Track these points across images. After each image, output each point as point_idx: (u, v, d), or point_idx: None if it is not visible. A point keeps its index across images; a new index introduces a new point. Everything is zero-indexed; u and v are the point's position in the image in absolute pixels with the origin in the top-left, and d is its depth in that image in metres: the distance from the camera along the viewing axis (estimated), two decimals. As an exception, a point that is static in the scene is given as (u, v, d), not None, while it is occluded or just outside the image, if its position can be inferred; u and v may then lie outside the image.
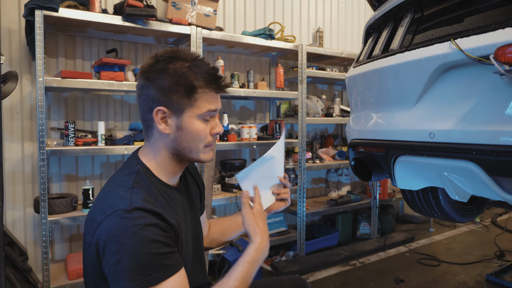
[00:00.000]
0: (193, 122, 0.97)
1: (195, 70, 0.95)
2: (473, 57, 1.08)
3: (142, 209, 0.87)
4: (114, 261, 0.83)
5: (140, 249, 0.83)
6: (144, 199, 0.90)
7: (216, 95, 0.99)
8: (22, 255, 2.33)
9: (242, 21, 3.37)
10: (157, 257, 0.85)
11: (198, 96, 0.95)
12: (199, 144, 0.99)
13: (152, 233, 0.85)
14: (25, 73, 2.45)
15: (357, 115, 1.80)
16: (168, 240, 0.89)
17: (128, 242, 0.83)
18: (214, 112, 1.00)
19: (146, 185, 0.96)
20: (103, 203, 0.91)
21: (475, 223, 4.14)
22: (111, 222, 0.85)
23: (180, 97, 0.95)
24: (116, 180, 0.98)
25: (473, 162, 1.10)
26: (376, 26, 1.80)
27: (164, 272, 0.85)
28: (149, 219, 0.86)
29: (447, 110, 1.21)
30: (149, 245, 0.84)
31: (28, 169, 2.49)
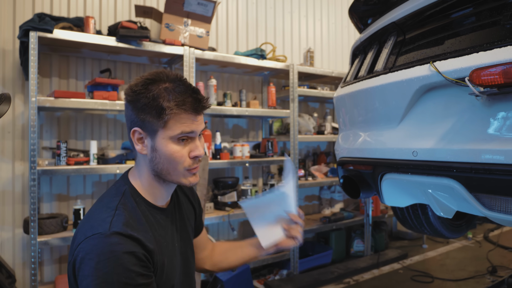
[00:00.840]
0: (166, 143, 0.94)
1: (169, 91, 0.93)
2: (451, 79, 1.13)
3: (121, 234, 0.86)
4: (85, 284, 0.83)
5: (112, 276, 0.82)
6: (124, 223, 0.89)
7: (191, 117, 0.95)
8: (9, 277, 2.30)
9: (234, 42, 3.45)
10: (126, 287, 0.83)
11: (168, 117, 0.92)
12: (176, 166, 0.96)
13: (127, 262, 0.84)
14: (18, 93, 2.47)
15: (345, 134, 1.84)
16: (143, 269, 0.87)
17: (101, 267, 0.82)
18: (190, 133, 0.96)
19: (131, 206, 0.96)
20: (86, 224, 0.91)
21: (467, 238, 4.15)
22: (89, 244, 0.85)
23: (152, 119, 0.93)
24: (102, 201, 0.98)
25: (454, 179, 1.13)
26: (362, 48, 1.86)
27: None
28: (126, 246, 0.85)
29: (428, 129, 1.25)
30: (122, 274, 0.83)
31: (18, 189, 2.48)
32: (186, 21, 2.67)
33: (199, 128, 0.98)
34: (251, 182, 3.31)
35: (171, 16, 2.62)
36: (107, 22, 2.78)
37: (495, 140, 1.02)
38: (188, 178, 0.99)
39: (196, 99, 0.95)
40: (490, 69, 0.96)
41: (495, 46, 1.01)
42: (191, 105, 0.94)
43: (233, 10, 3.46)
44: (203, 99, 0.97)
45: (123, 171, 2.38)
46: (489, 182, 1.05)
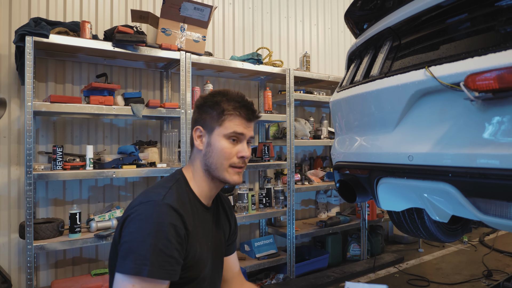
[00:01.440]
0: (219, 139, 1.11)
1: (229, 99, 1.13)
2: (446, 84, 1.14)
3: (171, 207, 1.00)
4: (127, 239, 0.96)
5: (152, 239, 0.93)
6: (176, 199, 1.04)
7: (244, 121, 1.13)
8: (5, 282, 2.27)
9: (231, 46, 3.46)
10: (160, 254, 0.94)
11: (225, 118, 1.11)
12: (223, 161, 1.11)
13: (168, 232, 0.96)
14: (14, 98, 2.46)
15: (341, 138, 1.85)
16: (179, 245, 0.98)
17: (146, 228, 0.95)
18: (239, 135, 1.12)
19: (181, 191, 1.10)
20: (142, 195, 1.05)
21: (463, 242, 4.17)
22: (141, 207, 0.99)
23: (212, 118, 1.13)
24: (158, 183, 1.13)
25: (450, 183, 1.14)
26: (358, 53, 1.88)
27: (158, 271, 0.93)
28: (172, 217, 0.98)
29: (424, 133, 1.26)
30: (161, 240, 0.94)
31: (14, 193, 2.46)
32: (183, 26, 2.68)
33: (249, 133, 1.15)
34: (248, 186, 3.30)
35: (167, 21, 2.63)
36: (104, 26, 2.78)
37: (490, 145, 1.03)
38: (232, 175, 1.13)
39: (250, 109, 1.14)
40: (485, 74, 0.98)
41: (490, 51, 1.02)
42: (245, 112, 1.13)
43: (230, 15, 3.47)
44: (256, 111, 1.17)
45: (119, 175, 2.37)
46: (484, 186, 1.06)
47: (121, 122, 2.87)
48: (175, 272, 0.97)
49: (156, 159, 2.72)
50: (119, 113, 2.40)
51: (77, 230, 2.27)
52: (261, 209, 3.12)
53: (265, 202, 3.13)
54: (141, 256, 0.92)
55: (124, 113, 2.41)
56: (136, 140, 2.90)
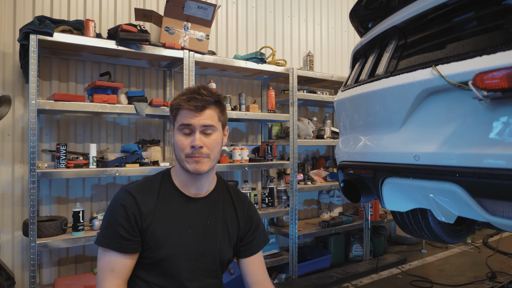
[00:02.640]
0: (175, 134, 1.20)
1: (181, 94, 1.20)
2: (454, 83, 1.13)
3: (127, 191, 1.19)
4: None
5: (107, 215, 1.19)
6: (138, 186, 1.21)
7: (191, 112, 1.16)
8: (9, 279, 2.28)
9: (234, 45, 3.46)
10: (108, 228, 1.15)
11: (175, 112, 1.20)
12: (180, 153, 1.18)
13: (117, 210, 1.16)
14: (18, 96, 2.47)
15: (345, 138, 1.84)
16: (126, 224, 1.15)
17: (108, 208, 1.20)
18: (188, 126, 1.16)
19: (155, 180, 1.24)
20: None
21: (466, 244, 4.15)
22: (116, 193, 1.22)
23: (171, 115, 1.23)
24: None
25: (457, 184, 1.13)
26: (362, 52, 1.87)
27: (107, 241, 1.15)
28: (124, 200, 1.17)
29: (430, 133, 1.25)
30: (111, 217, 1.17)
31: (18, 191, 2.46)
32: (186, 25, 2.68)
33: (198, 123, 1.16)
34: (250, 186, 3.30)
35: (171, 19, 2.62)
36: (107, 25, 2.78)
37: (498, 145, 1.01)
38: (190, 164, 1.18)
39: (196, 99, 1.16)
40: (493, 73, 0.96)
41: (498, 50, 1.01)
42: (192, 103, 1.15)
43: (233, 13, 3.47)
44: (202, 99, 1.16)
45: (122, 174, 2.37)
46: (492, 187, 1.05)
47: (124, 120, 2.87)
48: (122, 246, 1.14)
49: (159, 158, 2.72)
50: (122, 112, 2.40)
51: (80, 228, 2.26)
52: (264, 208, 3.11)
53: (267, 201, 3.13)
54: (100, 229, 1.18)
55: (128, 111, 2.41)
56: (139, 138, 2.90)
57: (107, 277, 1.13)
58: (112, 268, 1.14)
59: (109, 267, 1.14)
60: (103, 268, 1.14)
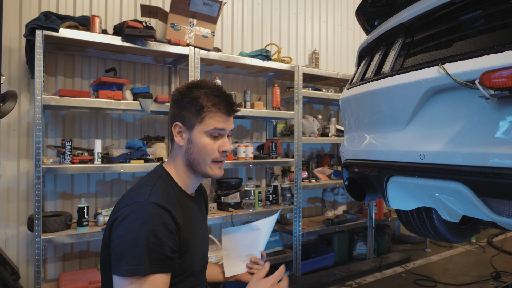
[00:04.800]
0: (200, 137, 1.12)
1: (207, 94, 1.13)
2: (460, 82, 1.12)
3: (157, 204, 1.01)
4: (118, 242, 0.97)
5: (142, 239, 0.95)
6: (161, 196, 1.04)
7: (224, 116, 1.13)
8: (13, 274, 2.30)
9: (239, 42, 3.45)
10: (151, 252, 0.95)
11: (205, 114, 1.11)
12: (205, 157, 1.13)
13: (158, 231, 0.97)
14: (24, 91, 2.48)
15: (351, 136, 1.83)
16: (171, 242, 1.00)
17: (135, 229, 0.96)
18: (220, 130, 1.13)
19: (166, 187, 1.11)
20: (127, 197, 1.06)
21: (471, 243, 4.13)
22: (128, 209, 1.00)
23: (192, 115, 1.12)
24: (141, 181, 1.13)
25: (462, 183, 1.12)
26: (369, 50, 1.85)
27: (152, 268, 0.95)
28: (161, 215, 0.99)
29: (436, 132, 1.24)
30: (151, 239, 0.96)
31: (23, 186, 2.48)
32: (192, 21, 2.67)
33: (229, 127, 1.16)
34: (255, 183, 3.30)
35: (176, 16, 2.62)
36: (113, 21, 2.78)
37: (505, 144, 1.00)
38: (214, 170, 1.15)
39: (229, 103, 1.14)
40: (501, 72, 0.95)
41: (506, 48, 1.00)
42: (224, 107, 1.13)
43: (239, 10, 3.46)
44: (235, 104, 1.16)
45: (127, 170, 2.38)
46: (498, 186, 1.04)
47: (129, 117, 2.88)
48: (169, 266, 1.00)
49: (164, 154, 2.72)
50: (127, 108, 2.41)
51: (85, 223, 2.28)
52: (268, 206, 3.11)
53: (271, 199, 3.13)
54: (135, 257, 0.94)
55: (133, 108, 2.42)
56: (144, 135, 2.91)
57: None
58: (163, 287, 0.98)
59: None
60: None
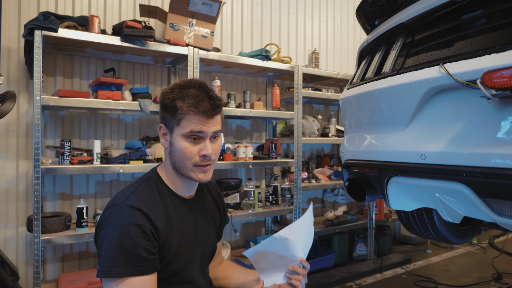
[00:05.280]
0: (178, 140, 1.07)
1: (187, 95, 1.05)
2: (461, 82, 1.11)
3: (133, 207, 1.00)
4: (99, 244, 1.00)
5: (115, 242, 0.96)
6: (140, 199, 1.03)
7: (202, 118, 1.05)
8: (13, 275, 2.29)
9: (239, 42, 3.44)
10: (126, 254, 0.95)
11: (181, 117, 1.05)
12: (186, 161, 1.07)
13: (132, 232, 0.97)
14: (23, 92, 2.47)
15: (351, 136, 1.82)
16: (147, 243, 0.99)
17: (111, 232, 0.97)
18: (199, 133, 1.05)
19: (151, 189, 1.09)
20: (111, 199, 1.07)
21: (472, 244, 4.11)
22: (107, 212, 1.02)
23: (170, 117, 1.07)
24: (130, 184, 1.13)
25: (463, 183, 1.11)
26: (369, 49, 1.84)
27: (125, 269, 0.95)
28: (135, 218, 0.99)
29: (437, 132, 1.23)
30: (125, 241, 0.96)
31: (22, 187, 2.47)
32: (191, 21, 2.66)
33: (209, 130, 1.07)
34: (254, 184, 3.29)
35: (175, 16, 2.61)
36: (112, 21, 2.78)
37: (506, 144, 0.99)
38: (197, 174, 1.09)
39: (208, 103, 1.06)
40: (503, 71, 0.94)
41: (508, 47, 0.99)
42: (202, 109, 1.05)
43: (238, 10, 3.45)
44: (215, 105, 1.07)
45: (126, 171, 2.37)
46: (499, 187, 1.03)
47: (129, 117, 2.87)
48: (147, 268, 0.98)
49: (163, 155, 2.71)
50: (126, 108, 2.40)
51: (84, 224, 2.27)
52: (268, 207, 3.10)
53: (271, 199, 3.12)
54: (109, 259, 0.95)
55: (132, 108, 2.41)
56: (143, 135, 2.90)
57: None
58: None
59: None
60: None
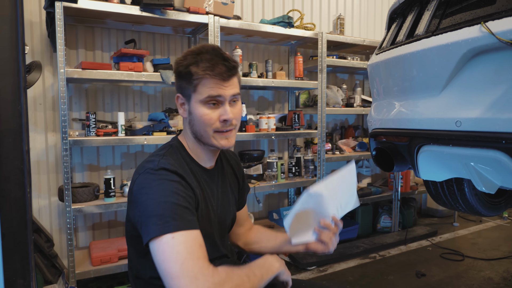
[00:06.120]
0: (197, 107, 1.03)
1: (199, 59, 1.01)
2: (506, 41, 1.02)
3: (168, 169, 0.98)
4: (141, 210, 0.94)
5: (162, 198, 0.93)
6: (171, 163, 1.01)
7: (218, 82, 1.01)
8: (48, 241, 2.41)
9: (260, 9, 3.32)
10: (176, 207, 0.92)
11: (197, 82, 1.01)
12: (206, 128, 1.04)
13: (173, 187, 0.95)
14: (47, 65, 2.50)
15: (379, 104, 1.74)
16: (188, 197, 0.97)
17: (152, 191, 0.95)
18: (217, 97, 1.02)
19: (176, 156, 1.07)
20: (139, 167, 1.04)
21: (502, 218, 3.99)
22: (141, 178, 0.98)
23: (186, 84, 1.04)
24: (153, 152, 1.11)
25: (502, 151, 1.04)
26: (400, 11, 1.73)
27: (181, 222, 0.91)
28: (172, 176, 0.97)
29: (475, 97, 1.15)
30: (170, 195, 0.94)
31: (52, 159, 2.55)
32: (211, -12, 2.57)
33: (228, 93, 1.03)
34: (277, 155, 3.27)
35: (195, -17, 2.52)
36: (132, -9, 2.72)
37: (555, 108, 0.91)
38: (219, 140, 1.05)
39: (223, 66, 1.01)
40: (557, 26, 0.85)
41: None
42: (218, 71, 1.00)
43: (260, -24, 3.31)
44: (231, 66, 1.02)
45: (150, 142, 2.39)
46: (544, 154, 0.96)
47: (151, 89, 2.87)
48: (195, 222, 0.95)
49: (186, 126, 2.71)
50: (148, 80, 2.39)
51: (112, 194, 2.33)
52: (290, 178, 3.09)
53: (294, 171, 3.09)
54: (160, 216, 0.91)
55: (154, 79, 2.39)
56: (165, 107, 2.90)
57: (202, 255, 0.89)
58: (200, 243, 0.92)
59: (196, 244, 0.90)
60: (188, 249, 0.88)
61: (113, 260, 2.33)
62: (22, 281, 0.65)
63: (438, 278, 2.61)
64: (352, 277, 2.65)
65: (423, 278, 2.61)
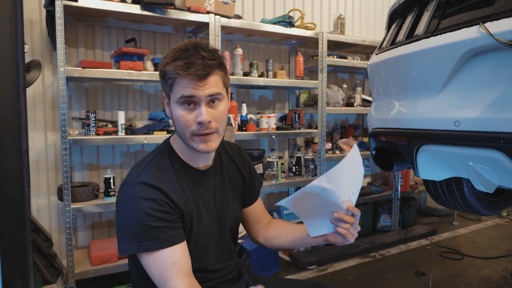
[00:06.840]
0: (174, 107, 1.00)
1: (173, 58, 0.96)
2: (504, 42, 1.02)
3: (145, 183, 0.97)
4: (118, 223, 0.98)
5: (135, 218, 0.95)
6: (152, 174, 1.00)
7: (193, 81, 0.95)
8: (47, 241, 2.41)
9: (261, 9, 3.32)
10: (148, 229, 0.94)
11: (171, 82, 0.98)
12: (184, 130, 1.00)
13: (147, 207, 0.95)
14: (47, 64, 2.50)
15: (379, 104, 1.74)
16: (164, 215, 0.96)
17: (127, 210, 0.96)
18: (191, 97, 0.96)
19: (163, 162, 1.05)
20: (128, 173, 1.05)
21: (501, 217, 4.00)
22: (121, 191, 1.00)
23: (164, 84, 1.01)
24: (142, 158, 1.10)
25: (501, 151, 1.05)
26: (400, 11, 1.73)
27: (154, 243, 0.94)
28: (148, 193, 0.96)
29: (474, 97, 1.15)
30: (143, 217, 0.94)
31: (51, 158, 2.55)
32: (211, -12, 2.57)
33: (202, 93, 0.96)
34: (277, 155, 3.27)
35: (196, -18, 2.52)
36: (132, -10, 2.72)
37: (554, 109, 0.91)
38: (197, 144, 1.00)
39: (199, 64, 0.94)
40: (555, 27, 0.85)
41: (562, -1, 0.89)
42: (192, 70, 0.94)
43: (260, -25, 3.30)
44: (206, 64, 0.95)
45: (150, 141, 2.39)
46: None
47: (151, 88, 2.87)
48: (174, 237, 0.96)
49: (186, 125, 2.71)
50: (149, 79, 2.39)
51: (112, 193, 2.34)
52: (291, 177, 3.09)
53: (294, 170, 3.10)
54: (134, 236, 0.95)
55: (154, 78, 2.39)
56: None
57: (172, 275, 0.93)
58: (172, 262, 0.94)
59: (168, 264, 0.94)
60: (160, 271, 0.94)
61: (112, 260, 2.33)
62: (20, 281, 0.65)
63: (438, 277, 2.61)
64: (352, 276, 2.65)
65: (422, 277, 2.62)
